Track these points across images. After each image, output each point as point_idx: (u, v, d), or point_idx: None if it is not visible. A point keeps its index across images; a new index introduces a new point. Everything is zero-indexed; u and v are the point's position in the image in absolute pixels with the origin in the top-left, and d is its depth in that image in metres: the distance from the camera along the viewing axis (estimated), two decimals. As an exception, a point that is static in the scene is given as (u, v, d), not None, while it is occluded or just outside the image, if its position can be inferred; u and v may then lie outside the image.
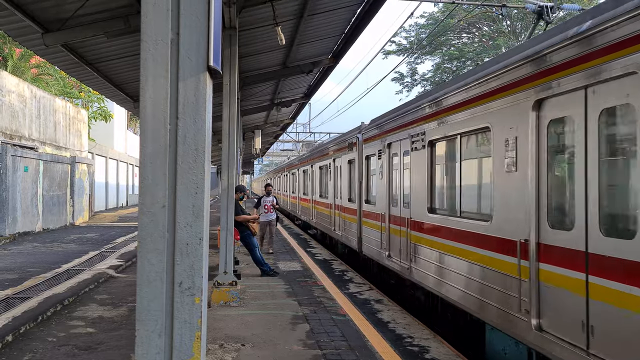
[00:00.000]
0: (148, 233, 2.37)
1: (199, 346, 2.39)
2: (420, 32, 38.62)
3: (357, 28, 10.59)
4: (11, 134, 18.58)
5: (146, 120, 2.37)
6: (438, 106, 7.48)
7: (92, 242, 16.44)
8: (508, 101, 5.51)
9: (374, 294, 9.54)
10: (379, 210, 10.39)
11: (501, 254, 5.57)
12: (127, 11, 7.21)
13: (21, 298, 8.41)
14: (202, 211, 2.41)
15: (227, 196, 8.25)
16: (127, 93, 11.83)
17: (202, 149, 2.41)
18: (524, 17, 33.00)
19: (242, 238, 10.67)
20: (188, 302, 2.38)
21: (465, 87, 6.47)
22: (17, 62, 24.29)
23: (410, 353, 6.22)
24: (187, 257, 2.39)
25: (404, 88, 42.79)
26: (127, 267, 12.06)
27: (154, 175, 2.37)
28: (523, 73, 5.20)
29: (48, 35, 7.14)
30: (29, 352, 6.03)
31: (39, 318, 7.31)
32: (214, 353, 5.79)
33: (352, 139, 13.08)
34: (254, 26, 9.59)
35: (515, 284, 5.22)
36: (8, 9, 6.42)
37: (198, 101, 2.40)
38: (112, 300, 8.69)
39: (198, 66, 2.39)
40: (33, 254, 13.76)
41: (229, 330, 6.70)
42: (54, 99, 22.84)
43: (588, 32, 4.30)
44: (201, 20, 2.38)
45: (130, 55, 9.23)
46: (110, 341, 6.47)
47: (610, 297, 4.03)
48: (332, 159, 15.80)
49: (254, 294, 8.84)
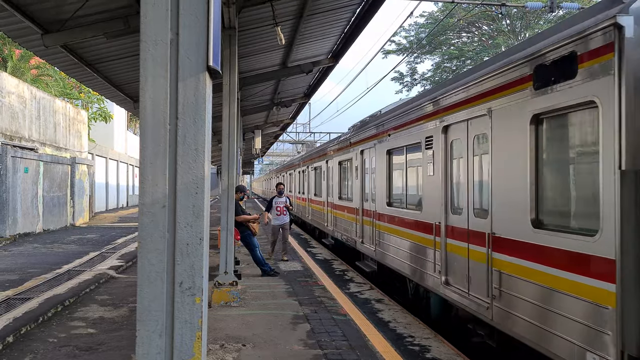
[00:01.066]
0: (148, 233, 2.37)
1: (199, 346, 2.39)
2: (420, 31, 38.62)
3: (357, 28, 10.59)
4: (11, 135, 18.59)
5: (146, 121, 2.37)
6: (389, 125, 9.76)
7: (92, 243, 16.44)
8: (429, 126, 7.60)
9: (375, 294, 9.54)
10: (354, 205, 12.51)
11: (425, 233, 7.71)
12: (127, 12, 7.21)
13: (22, 299, 8.41)
14: (203, 211, 2.41)
15: (227, 196, 8.25)
16: (126, 93, 11.83)
17: (202, 149, 2.41)
18: (524, 16, 33.01)
19: (242, 238, 10.67)
20: (189, 302, 2.39)
21: (408, 112, 8.72)
22: (16, 63, 24.31)
23: (411, 352, 6.23)
24: (187, 257, 2.39)
25: (404, 87, 42.83)
26: (128, 268, 12.06)
27: (154, 175, 2.37)
28: (432, 108, 7.51)
29: (48, 36, 7.14)
30: (30, 353, 6.03)
31: (40, 319, 7.31)
32: (215, 353, 5.79)
33: (330, 151, 15.95)
34: (253, 26, 9.59)
35: (432, 253, 7.36)
36: (7, 10, 6.42)
37: (198, 101, 2.40)
38: (113, 301, 8.69)
39: (197, 66, 2.39)
40: (33, 255, 13.77)
41: (230, 331, 6.70)
42: (54, 100, 22.85)
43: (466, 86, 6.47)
44: (200, 20, 2.38)
45: (130, 55, 9.24)
46: (111, 342, 6.47)
47: (476, 257, 6.08)
48: (324, 160, 17.39)
49: (254, 294, 8.84)
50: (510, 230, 5.42)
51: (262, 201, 55.01)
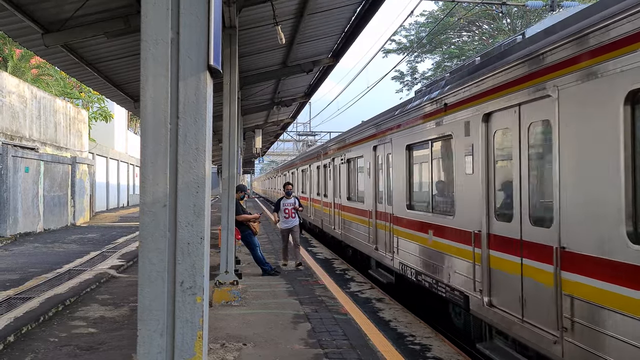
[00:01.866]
0: (149, 232, 2.37)
1: (200, 345, 2.39)
2: (421, 30, 38.59)
3: (357, 27, 10.59)
4: (12, 135, 18.59)
5: (147, 120, 2.37)
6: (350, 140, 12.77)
7: (93, 243, 16.45)
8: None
9: (375, 293, 9.54)
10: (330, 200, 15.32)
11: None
12: (127, 11, 7.21)
13: (23, 298, 8.42)
14: (203, 210, 2.41)
15: (227, 196, 8.25)
16: (127, 93, 11.83)
17: (202, 148, 2.40)
18: (524, 14, 32.97)
19: (243, 237, 10.67)
20: (189, 302, 2.38)
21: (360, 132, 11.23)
22: (17, 62, 24.30)
23: (412, 352, 6.23)
24: (188, 257, 2.39)
25: (404, 87, 42.80)
26: (129, 267, 12.06)
27: (154, 174, 2.37)
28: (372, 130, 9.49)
29: (48, 36, 7.14)
30: (31, 353, 6.03)
31: (41, 318, 7.31)
32: (216, 352, 5.79)
33: (315, 155, 18.68)
34: (253, 25, 9.59)
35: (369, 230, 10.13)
36: (8, 10, 6.42)
37: (198, 100, 2.39)
38: (114, 300, 8.69)
39: (198, 65, 2.39)
40: (34, 255, 13.77)
41: (231, 330, 6.70)
42: (55, 100, 22.85)
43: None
44: (201, 20, 2.38)
45: (130, 55, 9.24)
46: (111, 341, 6.48)
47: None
48: (314, 164, 18.79)
49: (255, 294, 8.84)
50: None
51: (263, 201, 55.01)
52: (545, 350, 4.72)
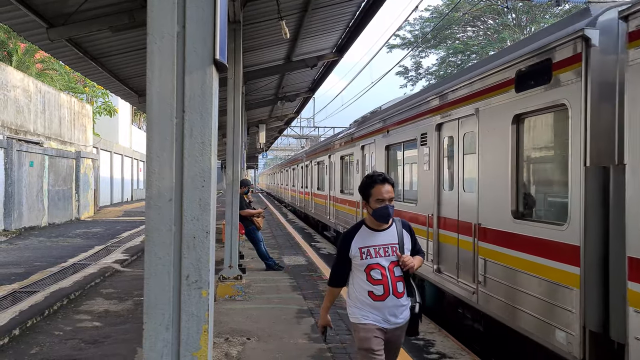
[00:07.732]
0: (155, 226, 2.36)
1: (206, 339, 2.39)
2: (425, 25, 38.42)
3: (362, 22, 10.53)
4: (16, 129, 18.64)
5: (153, 114, 2.37)
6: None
7: (97, 237, 16.51)
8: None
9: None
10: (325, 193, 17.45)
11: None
12: (132, 5, 7.20)
13: (28, 292, 8.46)
14: (209, 204, 2.41)
15: (232, 190, 8.26)
16: (131, 88, 11.82)
17: (208, 142, 2.40)
18: (530, 10, 32.78)
19: (247, 232, 10.69)
20: (195, 295, 2.38)
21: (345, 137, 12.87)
22: (21, 57, 24.32)
23: (416, 347, 6.23)
24: (193, 251, 2.39)
25: (409, 82, 42.66)
26: (133, 262, 12.10)
27: (160, 168, 2.37)
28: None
29: (52, 30, 7.13)
30: (36, 346, 6.07)
31: (46, 312, 7.35)
32: (220, 346, 5.81)
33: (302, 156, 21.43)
34: (258, 20, 9.56)
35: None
36: (13, 4, 6.41)
37: (204, 94, 2.39)
38: (118, 294, 8.73)
39: (204, 59, 2.38)
40: (39, 249, 13.84)
41: (234, 324, 6.72)
42: (59, 94, 22.89)
43: None
44: (207, 13, 2.37)
45: (135, 49, 9.23)
46: (116, 335, 6.51)
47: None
48: (309, 161, 20.94)
49: (259, 288, 8.86)
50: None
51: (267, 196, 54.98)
52: (468, 300, 6.23)
